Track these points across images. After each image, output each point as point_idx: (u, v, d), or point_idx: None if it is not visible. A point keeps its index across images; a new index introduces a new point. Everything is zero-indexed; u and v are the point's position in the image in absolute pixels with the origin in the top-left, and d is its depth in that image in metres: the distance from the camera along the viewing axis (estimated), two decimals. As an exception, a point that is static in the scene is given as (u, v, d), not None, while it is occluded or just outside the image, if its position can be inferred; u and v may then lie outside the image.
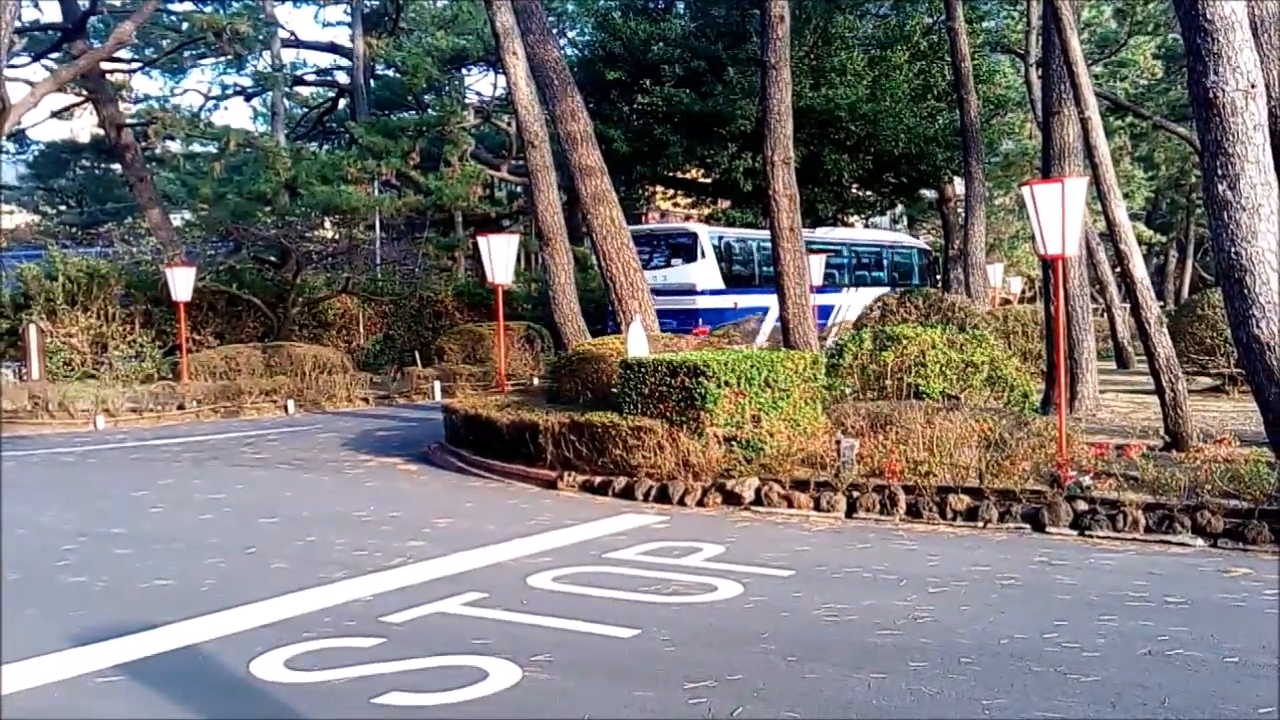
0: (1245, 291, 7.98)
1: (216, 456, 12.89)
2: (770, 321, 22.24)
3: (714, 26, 29.01)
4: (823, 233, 28.28)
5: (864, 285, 27.33)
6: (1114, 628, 5.48)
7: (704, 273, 23.53)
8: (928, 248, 32.96)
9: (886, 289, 24.80)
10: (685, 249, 24.03)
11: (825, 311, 24.14)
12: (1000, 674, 4.83)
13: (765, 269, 24.14)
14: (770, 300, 24.65)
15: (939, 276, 32.07)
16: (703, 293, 23.24)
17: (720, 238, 25.03)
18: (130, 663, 5.17)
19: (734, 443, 9.42)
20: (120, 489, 10.52)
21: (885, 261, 30.39)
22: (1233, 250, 8.01)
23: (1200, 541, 7.31)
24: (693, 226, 25.03)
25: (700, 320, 21.99)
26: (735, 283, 24.37)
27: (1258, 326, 7.86)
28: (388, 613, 5.95)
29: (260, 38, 31.53)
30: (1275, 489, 7.44)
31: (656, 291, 23.12)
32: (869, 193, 33.11)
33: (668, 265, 23.78)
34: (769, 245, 27.99)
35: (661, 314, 22.16)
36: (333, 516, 9.01)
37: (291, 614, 5.97)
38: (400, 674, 4.93)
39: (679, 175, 32.51)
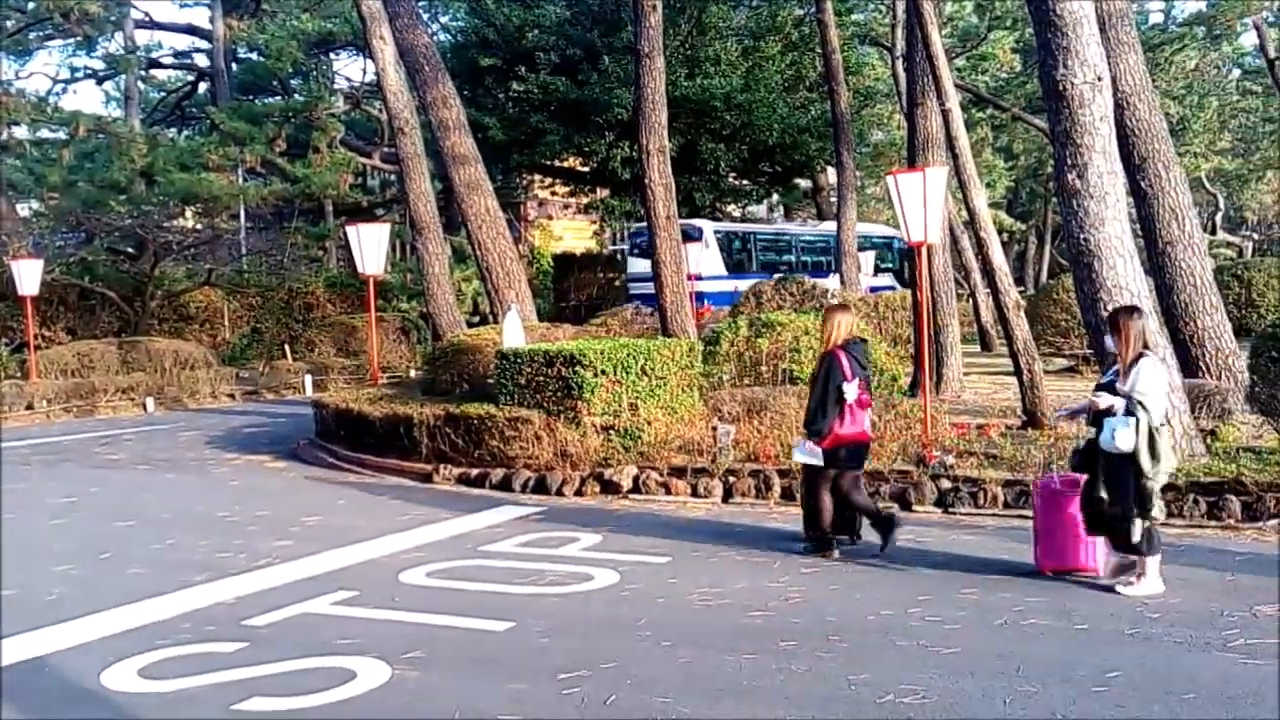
0: (1094, 276, 8.39)
1: (69, 458, 12.23)
2: None
3: (589, 14, 28.91)
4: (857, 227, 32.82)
5: (879, 271, 29.97)
6: (974, 600, 5.68)
7: (708, 260, 26.71)
8: None
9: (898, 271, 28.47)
10: (691, 240, 26.80)
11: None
12: (867, 649, 4.95)
13: (761, 256, 29.52)
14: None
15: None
16: (707, 278, 26.17)
17: (721, 231, 29.02)
18: (-33, 680, 4.86)
19: (612, 431, 9.42)
20: (-40, 495, 9.87)
21: (896, 249, 32.26)
22: (1082, 236, 8.40)
23: (1055, 515, 7.62)
24: (699, 222, 27.99)
25: (706, 301, 24.30)
26: (736, 269, 27.96)
27: (1105, 309, 8.24)
28: (251, 615, 5.74)
29: (111, 18, 29.90)
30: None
31: None
32: (745, 182, 33.62)
33: None
34: (765, 236, 30.86)
35: None
36: (195, 517, 8.65)
37: (147, 620, 5.71)
38: (263, 678, 4.76)
39: (556, 164, 32.36)
